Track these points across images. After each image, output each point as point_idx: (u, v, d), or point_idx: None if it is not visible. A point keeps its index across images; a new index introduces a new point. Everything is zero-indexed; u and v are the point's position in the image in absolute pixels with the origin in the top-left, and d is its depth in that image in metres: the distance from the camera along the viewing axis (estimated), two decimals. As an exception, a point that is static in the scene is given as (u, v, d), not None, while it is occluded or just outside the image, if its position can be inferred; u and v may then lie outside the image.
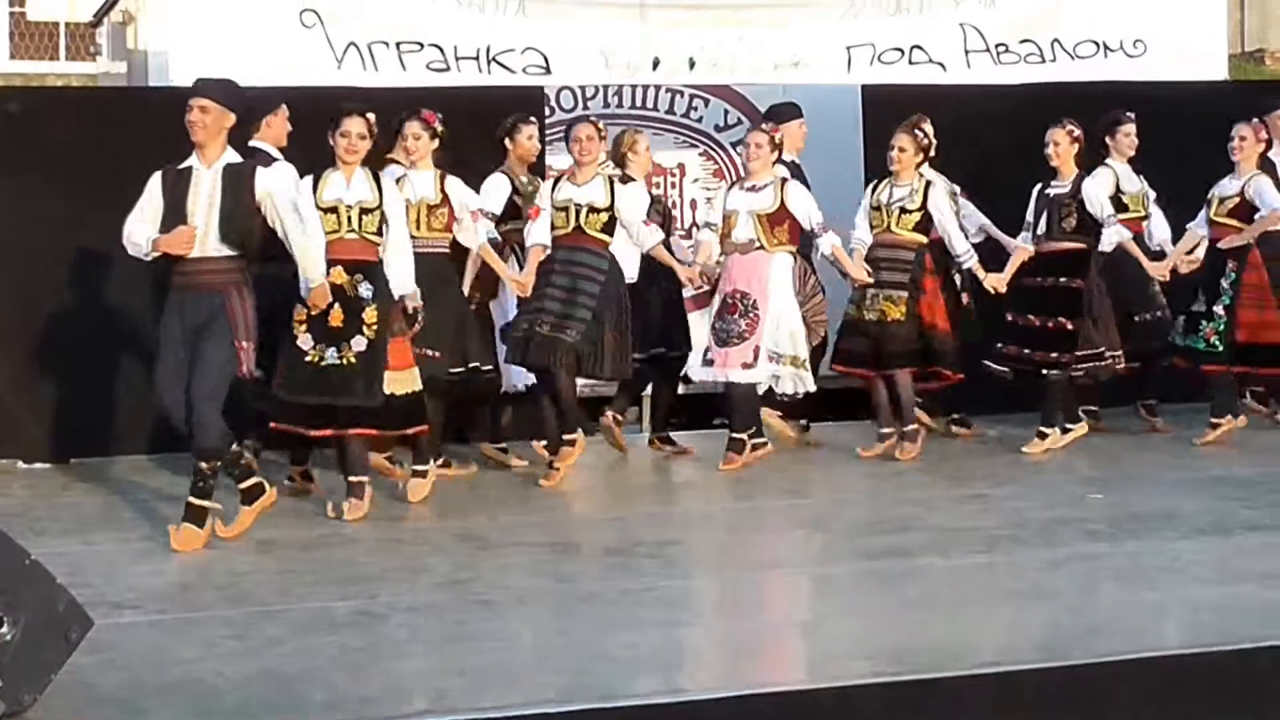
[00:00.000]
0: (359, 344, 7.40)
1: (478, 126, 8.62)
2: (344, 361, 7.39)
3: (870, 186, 9.02)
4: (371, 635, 5.45)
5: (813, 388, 8.65)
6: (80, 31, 19.39)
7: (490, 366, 8.32)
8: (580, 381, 8.40)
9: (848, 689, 4.80)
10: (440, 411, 8.13)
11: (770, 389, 8.62)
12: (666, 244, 8.55)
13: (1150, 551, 6.55)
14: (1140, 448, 9.13)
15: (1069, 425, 8.96)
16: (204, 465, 6.83)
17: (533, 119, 8.65)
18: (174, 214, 6.88)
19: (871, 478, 8.56)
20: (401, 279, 7.56)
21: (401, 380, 7.50)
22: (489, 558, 6.70)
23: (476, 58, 10.33)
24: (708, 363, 8.62)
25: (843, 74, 10.84)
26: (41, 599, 4.48)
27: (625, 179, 8.47)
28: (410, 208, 7.94)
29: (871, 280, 8.71)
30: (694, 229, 9.82)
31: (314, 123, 7.68)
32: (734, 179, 9.06)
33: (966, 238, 8.92)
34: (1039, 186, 8.98)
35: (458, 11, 10.34)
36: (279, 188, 7.10)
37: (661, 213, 9.02)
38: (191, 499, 6.87)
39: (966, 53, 11.08)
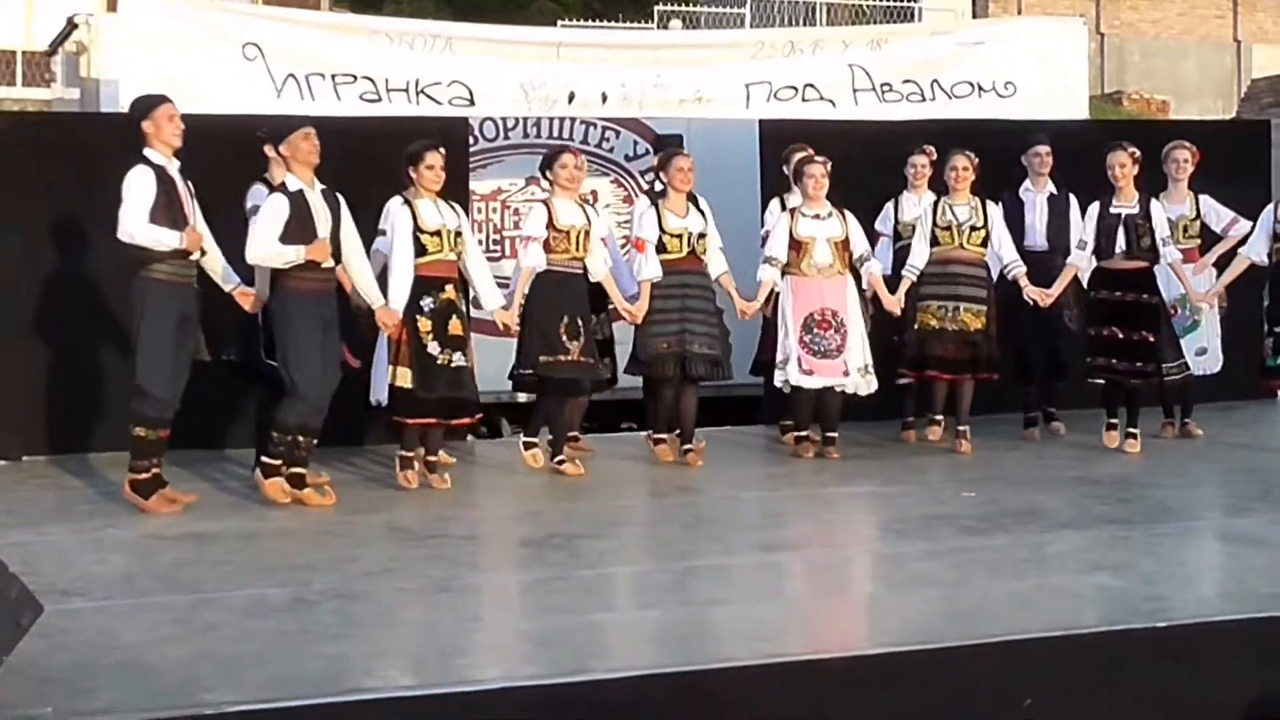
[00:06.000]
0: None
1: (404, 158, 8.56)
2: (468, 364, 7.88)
3: (931, 208, 8.96)
4: (305, 620, 5.39)
5: (875, 389, 8.81)
6: (36, 60, 19.17)
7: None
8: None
9: (743, 669, 4.81)
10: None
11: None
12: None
13: (1017, 544, 6.60)
14: (1009, 450, 9.21)
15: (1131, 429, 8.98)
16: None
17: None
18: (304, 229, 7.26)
19: (769, 476, 8.58)
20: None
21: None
22: (414, 549, 6.66)
23: (406, 90, 10.30)
24: (806, 372, 8.65)
25: (742, 109, 10.90)
26: (-6, 587, 4.40)
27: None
28: (573, 231, 8.23)
29: (899, 314, 8.86)
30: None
31: (254, 145, 7.62)
32: (783, 204, 9.04)
33: None
34: (1097, 206, 8.86)
35: (389, 47, 10.31)
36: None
37: None
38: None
39: (854, 91, 11.17)
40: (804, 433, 8.91)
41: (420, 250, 7.75)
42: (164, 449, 7.41)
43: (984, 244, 8.90)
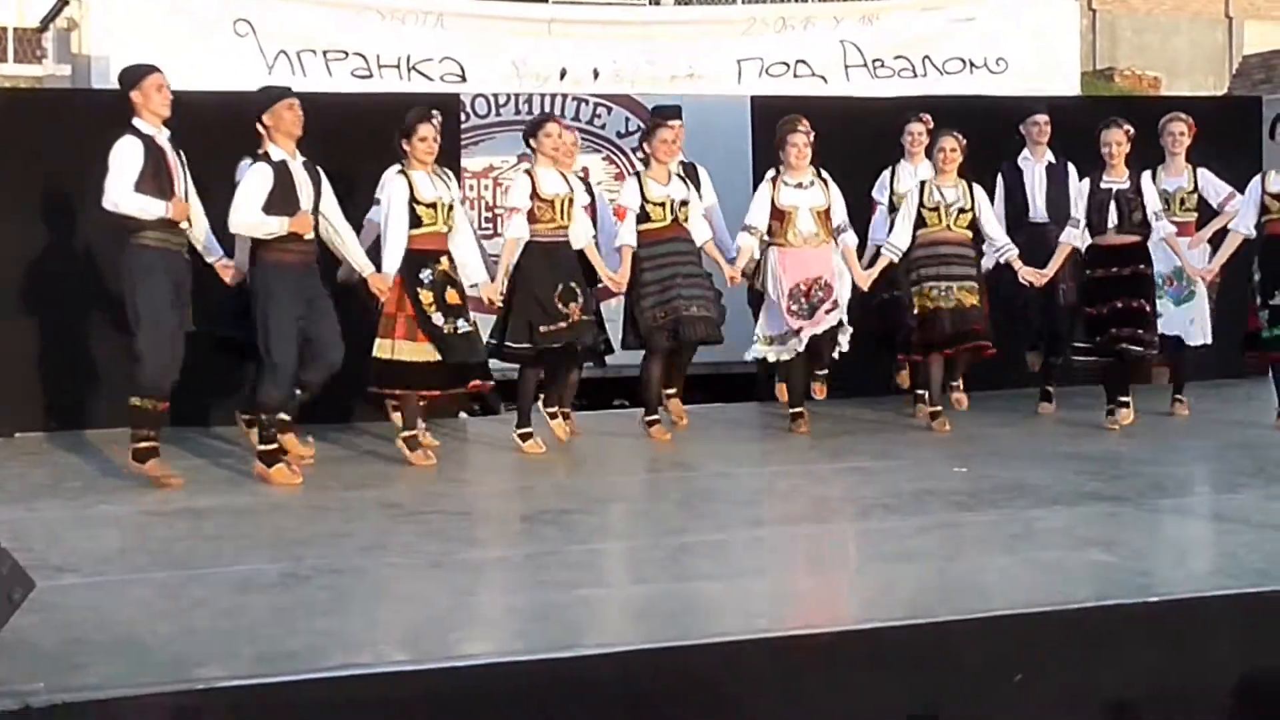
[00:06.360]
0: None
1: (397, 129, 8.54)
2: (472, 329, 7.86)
3: (919, 189, 8.85)
4: (297, 595, 5.39)
5: (845, 349, 8.79)
6: (28, 36, 19.09)
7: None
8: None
9: (734, 644, 4.81)
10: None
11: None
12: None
13: (1008, 519, 6.60)
14: (1000, 425, 9.21)
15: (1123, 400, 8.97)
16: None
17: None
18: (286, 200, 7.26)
19: (763, 453, 8.58)
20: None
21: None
22: (407, 525, 6.65)
23: (397, 66, 10.28)
24: (797, 333, 8.64)
25: (733, 85, 10.87)
26: (-15, 563, 4.39)
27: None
28: (558, 200, 8.22)
29: (867, 289, 8.82)
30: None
31: (245, 122, 7.59)
32: (775, 174, 8.83)
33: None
34: (1088, 182, 8.82)
35: (381, 23, 10.29)
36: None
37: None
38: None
39: (846, 67, 11.16)
40: (798, 409, 8.90)
41: (415, 222, 7.73)
42: (164, 420, 7.41)
43: (970, 226, 8.86)
